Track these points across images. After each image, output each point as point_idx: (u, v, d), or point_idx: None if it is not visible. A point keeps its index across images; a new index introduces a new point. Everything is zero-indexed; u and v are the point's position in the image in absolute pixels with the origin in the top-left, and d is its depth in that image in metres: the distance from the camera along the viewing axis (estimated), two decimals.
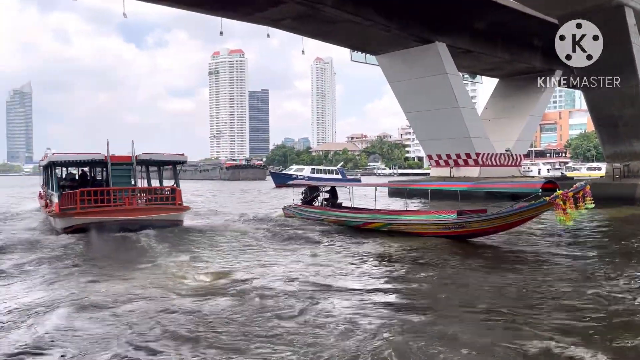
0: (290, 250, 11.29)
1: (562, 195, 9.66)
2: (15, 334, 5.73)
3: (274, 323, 6.01)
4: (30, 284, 8.34)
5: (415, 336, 5.52)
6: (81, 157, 14.94)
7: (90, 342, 5.41)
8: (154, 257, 10.33)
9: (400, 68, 31.40)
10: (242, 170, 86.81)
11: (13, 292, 7.79)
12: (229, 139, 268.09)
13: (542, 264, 9.56)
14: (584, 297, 7.03)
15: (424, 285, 8.11)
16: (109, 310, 6.57)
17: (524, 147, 38.73)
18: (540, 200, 10.29)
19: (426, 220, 12.59)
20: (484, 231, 11.66)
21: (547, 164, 74.20)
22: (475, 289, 7.71)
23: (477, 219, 11.63)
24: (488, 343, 5.31)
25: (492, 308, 6.60)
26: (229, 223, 16.21)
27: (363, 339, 5.43)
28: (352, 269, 9.32)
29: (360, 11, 24.47)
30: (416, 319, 6.21)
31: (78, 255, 10.64)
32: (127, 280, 8.32)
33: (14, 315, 6.43)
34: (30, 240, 12.64)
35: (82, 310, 6.54)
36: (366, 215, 14.23)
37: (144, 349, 5.22)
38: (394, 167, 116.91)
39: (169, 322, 6.03)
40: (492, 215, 11.49)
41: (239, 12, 24.89)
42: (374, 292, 7.51)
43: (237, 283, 8.02)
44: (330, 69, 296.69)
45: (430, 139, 33.77)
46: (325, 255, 10.59)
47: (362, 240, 12.45)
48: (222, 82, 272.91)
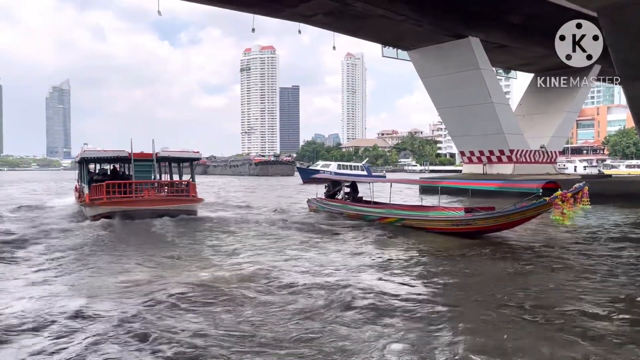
0: (310, 243, 11.53)
1: (561, 196, 9.96)
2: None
3: (303, 319, 6.04)
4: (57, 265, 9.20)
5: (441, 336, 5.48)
6: (108, 154, 16.96)
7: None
8: (173, 247, 11.04)
9: (432, 63, 31.07)
10: (271, 166, 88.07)
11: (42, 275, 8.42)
12: (260, 135, 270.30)
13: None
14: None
15: (448, 280, 8.04)
16: (122, 299, 6.72)
17: (559, 143, 37.84)
18: (541, 200, 10.59)
19: (435, 217, 12.95)
20: (488, 228, 11.97)
21: (584, 161, 72.28)
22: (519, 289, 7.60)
23: (482, 217, 11.96)
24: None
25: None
26: (254, 215, 17.10)
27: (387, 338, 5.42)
28: (374, 262, 9.38)
29: (391, 6, 24.28)
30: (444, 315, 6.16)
31: (105, 240, 11.98)
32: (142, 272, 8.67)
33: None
34: (65, 225, 14.34)
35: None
36: (382, 210, 14.78)
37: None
38: (425, 164, 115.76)
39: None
40: (496, 214, 11.82)
41: (270, 8, 25.02)
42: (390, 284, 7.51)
43: (257, 277, 8.13)
44: (361, 65, 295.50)
45: (463, 135, 33.34)
46: (345, 249, 10.83)
47: (379, 235, 12.74)
48: (254, 78, 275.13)
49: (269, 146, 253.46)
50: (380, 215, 14.50)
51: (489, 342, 5.23)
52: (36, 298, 6.78)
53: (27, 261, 9.59)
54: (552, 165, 35.52)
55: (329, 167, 49.43)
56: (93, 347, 5.05)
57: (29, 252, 10.47)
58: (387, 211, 14.50)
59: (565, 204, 9.89)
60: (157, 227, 13.51)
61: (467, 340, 5.26)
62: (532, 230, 13.42)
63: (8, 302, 6.61)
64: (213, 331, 5.54)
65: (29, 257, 9.92)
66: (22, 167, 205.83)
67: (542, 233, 13.32)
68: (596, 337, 5.34)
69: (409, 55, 32.34)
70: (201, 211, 16.62)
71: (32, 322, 5.77)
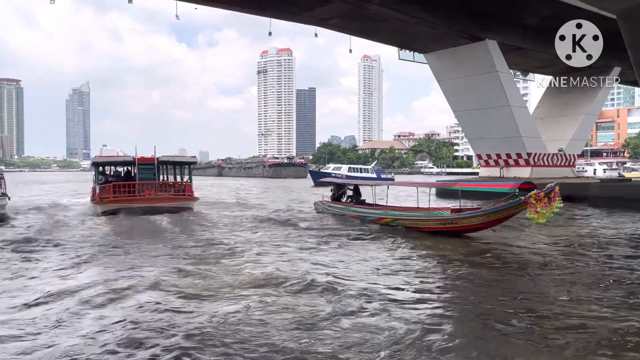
0: (311, 245, 12.01)
1: (534, 195, 10.57)
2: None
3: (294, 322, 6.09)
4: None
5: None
6: (116, 159, 20.99)
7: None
8: (170, 241, 12.33)
9: (449, 66, 30.90)
10: (284, 168, 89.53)
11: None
12: (277, 136, 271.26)
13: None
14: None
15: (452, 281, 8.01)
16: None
17: (578, 146, 37.32)
18: (517, 199, 11.21)
19: (425, 217, 13.72)
20: (473, 227, 12.59)
21: (603, 163, 71.23)
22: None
23: (466, 216, 12.64)
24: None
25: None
26: (258, 214, 18.39)
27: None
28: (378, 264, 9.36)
29: (407, 8, 24.21)
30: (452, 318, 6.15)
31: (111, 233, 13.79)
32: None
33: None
34: (79, 219, 17.10)
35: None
36: (379, 211, 15.64)
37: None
38: (442, 166, 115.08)
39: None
40: (478, 213, 12.50)
41: (286, 12, 25.14)
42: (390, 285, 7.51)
43: (250, 277, 8.41)
44: (377, 67, 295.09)
45: (480, 138, 33.09)
46: (349, 250, 11.02)
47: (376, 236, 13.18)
48: (270, 80, 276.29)
49: (285, 148, 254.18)
50: (378, 216, 15.30)
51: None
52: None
53: (44, 250, 11.18)
54: (571, 169, 35.06)
55: (340, 169, 49.99)
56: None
57: (48, 242, 12.07)
58: (384, 212, 15.32)
59: (539, 203, 10.47)
60: (158, 221, 15.59)
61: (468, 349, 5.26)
62: (551, 236, 13.30)
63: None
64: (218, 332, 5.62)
65: (50, 245, 11.74)
66: (43, 168, 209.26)
67: (563, 238, 13.21)
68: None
69: (426, 58, 32.20)
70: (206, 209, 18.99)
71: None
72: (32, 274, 8.80)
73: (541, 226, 12.63)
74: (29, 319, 6.22)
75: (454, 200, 22.88)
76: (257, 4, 24.58)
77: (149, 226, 14.98)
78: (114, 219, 16.29)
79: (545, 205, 10.47)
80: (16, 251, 10.85)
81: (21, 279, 8.43)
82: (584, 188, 27.18)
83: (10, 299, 7.13)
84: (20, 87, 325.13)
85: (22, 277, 8.60)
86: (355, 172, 49.23)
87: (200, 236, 13.11)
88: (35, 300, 7.02)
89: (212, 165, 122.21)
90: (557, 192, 10.66)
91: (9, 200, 18.29)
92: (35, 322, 6.11)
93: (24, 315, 6.38)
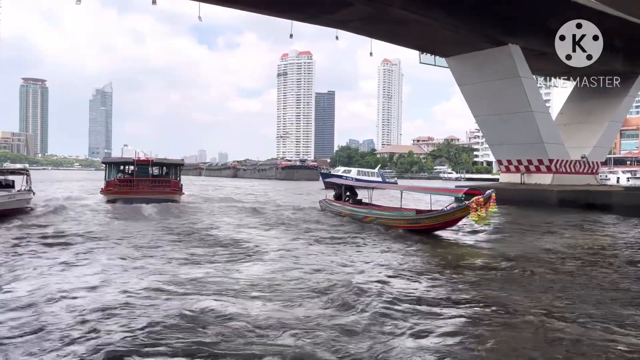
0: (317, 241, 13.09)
1: (475, 201, 12.08)
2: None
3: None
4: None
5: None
6: (121, 160, 28.22)
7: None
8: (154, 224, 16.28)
9: (470, 70, 30.58)
10: (297, 170, 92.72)
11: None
12: (295, 139, 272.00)
13: None
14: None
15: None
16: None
17: (601, 154, 36.59)
18: (463, 204, 12.72)
19: (397, 217, 15.41)
20: (432, 227, 14.10)
21: (627, 172, 69.77)
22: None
23: (426, 217, 14.31)
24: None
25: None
26: (264, 208, 21.97)
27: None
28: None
29: (428, 12, 24.04)
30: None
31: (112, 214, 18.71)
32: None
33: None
34: (89, 205, 22.07)
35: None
36: (366, 210, 17.32)
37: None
38: (461, 172, 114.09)
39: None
40: (434, 214, 14.06)
41: (307, 14, 25.15)
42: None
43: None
44: (397, 71, 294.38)
45: (500, 144, 32.68)
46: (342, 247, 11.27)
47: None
48: (290, 83, 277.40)
49: (304, 151, 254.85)
50: (364, 214, 16.99)
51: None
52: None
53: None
54: (594, 176, 34.41)
55: (350, 172, 52.58)
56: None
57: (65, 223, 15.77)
58: (368, 211, 17.04)
59: (480, 208, 11.94)
60: (144, 208, 19.85)
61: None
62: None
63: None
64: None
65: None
66: (65, 167, 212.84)
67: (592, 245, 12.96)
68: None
69: (447, 62, 31.94)
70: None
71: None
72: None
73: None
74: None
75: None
76: (279, 6, 24.66)
77: (137, 212, 19.23)
78: (114, 205, 21.34)
79: (483, 209, 11.95)
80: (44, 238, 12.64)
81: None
82: (607, 196, 26.70)
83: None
84: (45, 87, 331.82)
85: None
86: (363, 175, 51.27)
87: (176, 220, 16.95)
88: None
89: (228, 167, 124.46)
90: (493, 199, 12.12)
91: (34, 195, 20.39)
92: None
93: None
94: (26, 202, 19.02)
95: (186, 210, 20.75)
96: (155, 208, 19.94)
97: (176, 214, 18.86)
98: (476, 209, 11.99)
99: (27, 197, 19.22)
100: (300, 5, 24.04)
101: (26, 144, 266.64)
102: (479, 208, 11.95)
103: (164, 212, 19.02)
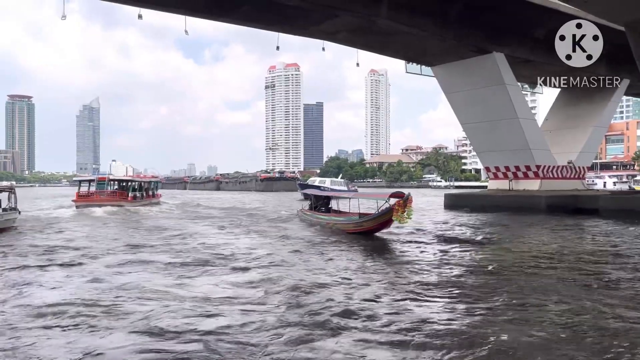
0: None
1: (397, 203, 14.04)
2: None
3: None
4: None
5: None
6: (86, 178, 37.86)
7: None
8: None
9: (456, 79, 30.87)
10: (275, 182, 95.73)
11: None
12: (284, 150, 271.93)
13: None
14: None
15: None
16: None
17: (588, 159, 37.02)
18: (389, 207, 14.52)
19: (347, 221, 17.03)
20: (371, 229, 15.55)
21: (613, 176, 70.67)
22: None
23: (365, 220, 15.74)
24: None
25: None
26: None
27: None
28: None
29: (415, 22, 24.28)
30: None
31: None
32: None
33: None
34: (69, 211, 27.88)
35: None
36: (327, 217, 19.13)
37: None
38: (450, 180, 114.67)
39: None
40: (370, 217, 15.59)
41: (294, 26, 25.33)
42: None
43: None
44: (384, 81, 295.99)
45: (488, 151, 32.96)
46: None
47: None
48: (278, 95, 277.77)
49: (293, 162, 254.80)
50: (327, 221, 18.61)
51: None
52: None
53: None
54: (581, 181, 34.80)
55: (325, 182, 54.79)
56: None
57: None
58: (329, 218, 18.91)
59: (400, 209, 13.81)
60: (96, 211, 26.53)
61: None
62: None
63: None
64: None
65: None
66: (53, 183, 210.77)
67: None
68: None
69: (433, 70, 32.24)
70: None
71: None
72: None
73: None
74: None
75: (459, 210, 27.73)
76: (265, 19, 24.79)
77: (93, 213, 26.04)
78: (80, 209, 28.22)
79: (404, 210, 13.78)
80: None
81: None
82: (594, 200, 26.98)
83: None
84: (31, 104, 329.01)
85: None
86: (335, 185, 53.85)
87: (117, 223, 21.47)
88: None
89: (211, 180, 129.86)
90: (411, 200, 13.99)
91: (20, 214, 19.57)
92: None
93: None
94: (12, 221, 18.34)
95: (132, 214, 26.86)
96: (105, 211, 26.77)
97: (121, 213, 26.57)
98: (397, 210, 13.89)
99: (13, 217, 18.52)
100: (287, 17, 24.18)
101: (12, 161, 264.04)
102: (400, 209, 13.83)
103: (110, 213, 26.27)
